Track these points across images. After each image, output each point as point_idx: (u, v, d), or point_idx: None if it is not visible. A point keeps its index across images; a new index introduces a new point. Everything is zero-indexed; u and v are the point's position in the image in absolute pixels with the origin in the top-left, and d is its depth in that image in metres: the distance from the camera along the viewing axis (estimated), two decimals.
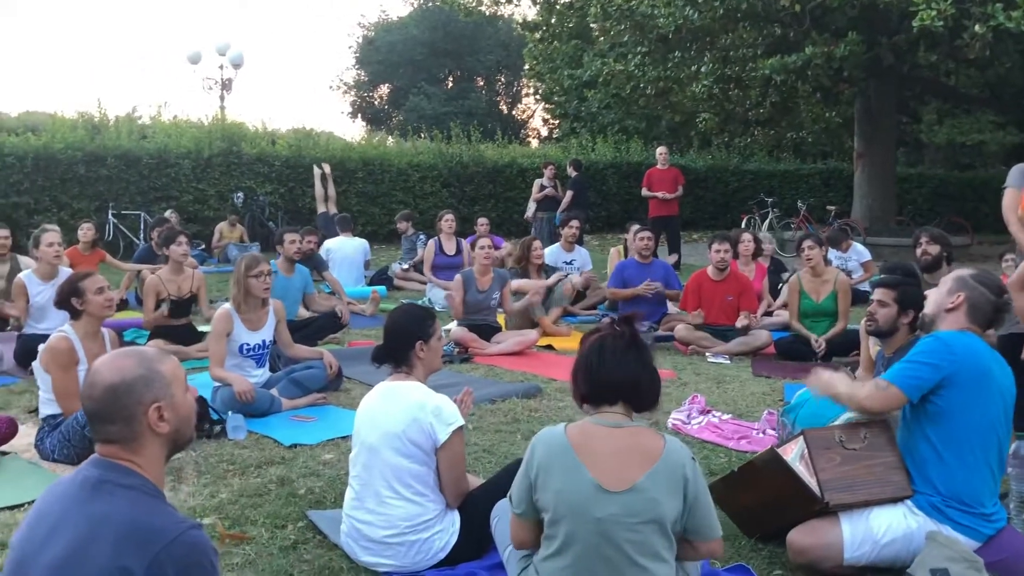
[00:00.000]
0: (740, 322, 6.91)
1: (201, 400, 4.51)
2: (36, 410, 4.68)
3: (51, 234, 6.47)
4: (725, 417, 5.00)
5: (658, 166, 12.73)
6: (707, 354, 6.85)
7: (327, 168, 14.42)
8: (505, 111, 39.33)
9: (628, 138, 22.86)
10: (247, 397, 4.86)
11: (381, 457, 3.04)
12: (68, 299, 4.39)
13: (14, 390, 5.67)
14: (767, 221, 17.37)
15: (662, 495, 2.34)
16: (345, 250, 10.12)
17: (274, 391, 5.17)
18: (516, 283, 7.53)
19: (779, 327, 7.50)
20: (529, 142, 33.60)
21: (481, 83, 38.97)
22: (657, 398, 2.53)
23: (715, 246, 7.14)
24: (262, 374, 5.37)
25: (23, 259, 7.52)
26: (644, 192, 12.61)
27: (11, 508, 3.64)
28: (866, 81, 15.17)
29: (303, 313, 7.40)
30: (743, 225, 16.00)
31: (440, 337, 3.29)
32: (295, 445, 4.45)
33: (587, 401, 2.53)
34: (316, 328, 7.09)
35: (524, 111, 40.71)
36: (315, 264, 8.99)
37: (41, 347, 4.43)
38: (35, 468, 4.18)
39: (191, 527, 1.74)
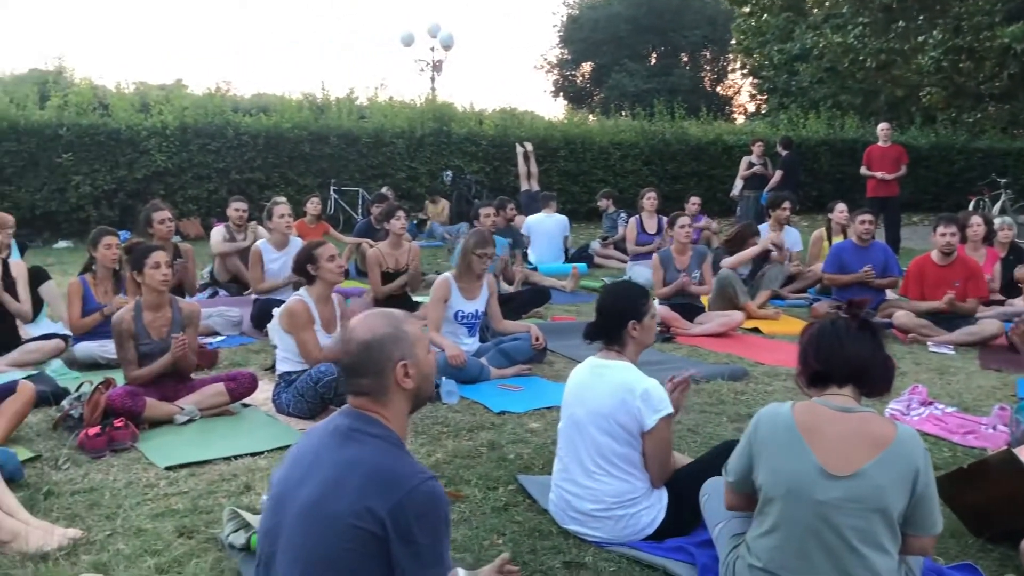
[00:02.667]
0: (946, 298, 6.47)
1: None
2: (272, 367, 5.12)
3: (282, 206, 7.02)
4: (949, 410, 4.69)
5: (879, 143, 11.95)
6: (929, 343, 6.43)
7: (529, 147, 14.70)
8: (709, 87, 38.39)
9: (842, 113, 21.67)
10: (458, 362, 5.10)
11: (588, 433, 3.08)
12: (304, 265, 4.78)
13: (252, 349, 6.21)
14: (999, 204, 15.95)
15: (888, 483, 2.25)
16: (545, 226, 10.28)
17: (483, 360, 5.38)
18: (728, 260, 7.42)
19: (1012, 317, 6.92)
20: (734, 118, 32.67)
21: (685, 59, 38.22)
22: (889, 384, 2.44)
23: (940, 229, 6.67)
24: (473, 343, 5.61)
25: (258, 229, 8.22)
26: (863, 171, 11.91)
27: (252, 455, 3.99)
28: None
29: (504, 288, 7.62)
30: (971, 207, 14.78)
31: (653, 315, 3.24)
32: (503, 412, 4.62)
33: (814, 384, 2.47)
34: (521, 302, 7.31)
35: (730, 87, 39.58)
36: (511, 237, 9.23)
37: (275, 311, 4.84)
38: (272, 420, 4.58)
39: (430, 477, 1.88)
